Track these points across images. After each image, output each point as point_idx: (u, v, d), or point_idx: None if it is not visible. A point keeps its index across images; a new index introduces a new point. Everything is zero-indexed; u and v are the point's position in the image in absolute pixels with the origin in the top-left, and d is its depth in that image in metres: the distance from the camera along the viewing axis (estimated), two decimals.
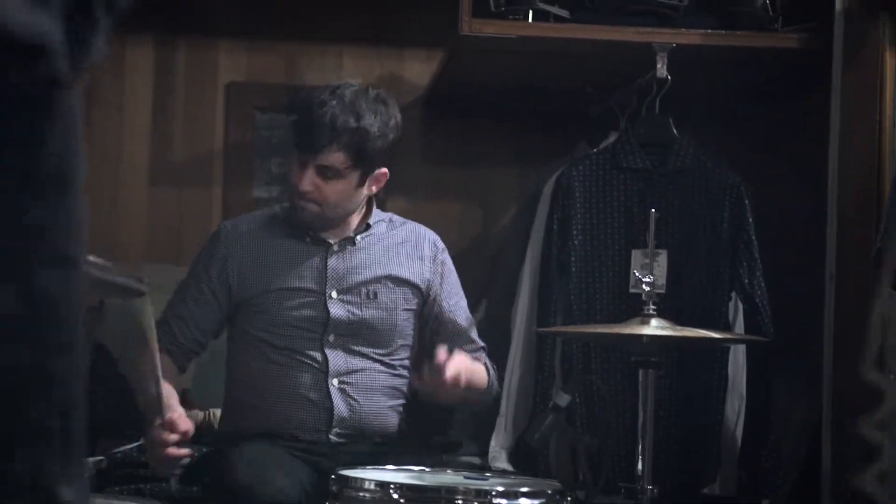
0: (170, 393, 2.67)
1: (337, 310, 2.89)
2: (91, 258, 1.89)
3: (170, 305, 2.97)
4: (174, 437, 2.56)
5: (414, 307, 2.98)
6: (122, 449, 3.20)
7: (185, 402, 3.57)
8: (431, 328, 3.02)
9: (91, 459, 3.06)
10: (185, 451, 2.60)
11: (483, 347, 3.08)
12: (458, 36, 3.32)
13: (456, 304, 3.04)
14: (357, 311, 2.91)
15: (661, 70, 3.31)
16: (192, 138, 4.13)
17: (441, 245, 3.06)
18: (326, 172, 2.80)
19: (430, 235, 3.06)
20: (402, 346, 2.97)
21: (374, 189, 2.91)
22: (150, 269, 3.76)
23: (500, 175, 4.26)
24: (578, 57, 3.50)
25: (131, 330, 2.62)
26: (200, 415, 3.40)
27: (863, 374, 1.10)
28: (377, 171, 2.87)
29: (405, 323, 2.97)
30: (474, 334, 3.07)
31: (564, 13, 3.36)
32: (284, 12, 4.12)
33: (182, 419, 2.61)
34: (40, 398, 0.97)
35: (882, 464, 1.10)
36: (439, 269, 3.02)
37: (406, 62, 4.20)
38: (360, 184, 2.85)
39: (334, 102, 2.77)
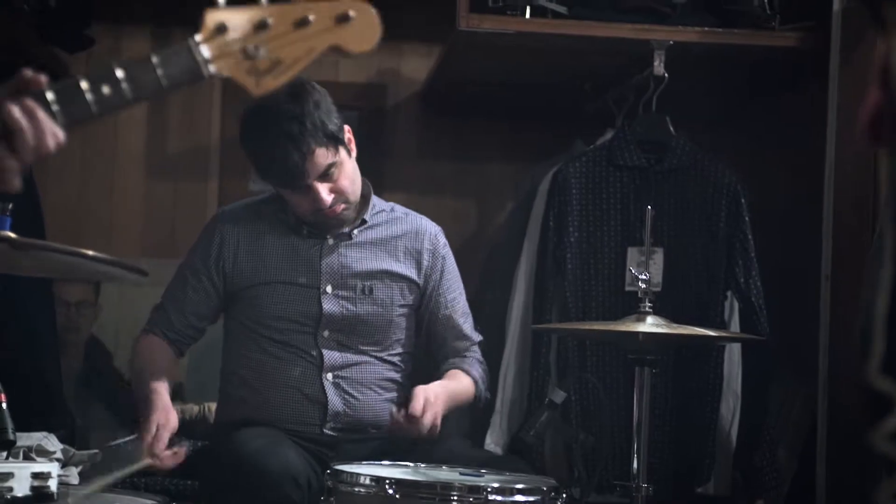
0: (159, 392, 2.73)
1: (330, 305, 2.88)
2: (90, 252, 1.89)
3: (167, 291, 2.97)
4: (165, 457, 2.61)
5: (410, 302, 2.96)
6: (116, 442, 3.18)
7: (178, 396, 3.58)
8: (427, 323, 3.01)
9: (85, 452, 3.05)
10: (179, 451, 2.63)
11: (479, 342, 3.06)
12: (455, 31, 3.32)
13: (454, 299, 3.01)
14: (351, 307, 2.89)
15: (659, 67, 3.31)
16: (188, 131, 4.12)
17: (442, 239, 3.03)
18: (327, 173, 2.81)
19: (432, 229, 3.03)
20: (398, 340, 2.95)
21: (353, 148, 2.90)
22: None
23: (496, 171, 4.26)
24: (575, 53, 3.50)
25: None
26: (195, 409, 3.40)
27: (870, 380, 1.05)
28: (345, 136, 2.87)
29: (400, 318, 2.95)
30: (469, 330, 3.04)
31: (562, 9, 3.36)
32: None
33: (165, 427, 2.65)
34: None
35: None
36: (438, 265, 2.99)
37: (404, 57, 4.19)
38: (348, 154, 2.86)
39: (287, 120, 2.75)
